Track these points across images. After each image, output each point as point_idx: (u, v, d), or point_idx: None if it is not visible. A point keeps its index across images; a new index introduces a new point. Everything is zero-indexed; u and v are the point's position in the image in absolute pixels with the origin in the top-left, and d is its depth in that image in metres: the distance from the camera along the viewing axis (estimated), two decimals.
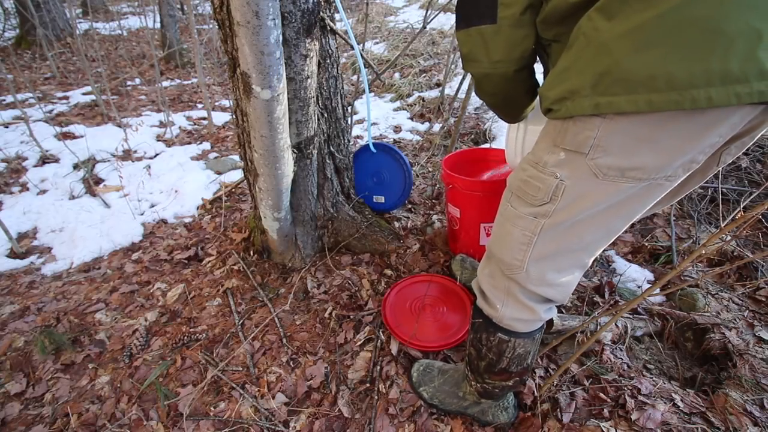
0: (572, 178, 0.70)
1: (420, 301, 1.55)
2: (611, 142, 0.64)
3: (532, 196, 0.77)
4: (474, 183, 1.51)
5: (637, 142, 0.63)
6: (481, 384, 1.08)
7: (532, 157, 0.77)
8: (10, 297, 1.83)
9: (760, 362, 1.26)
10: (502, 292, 0.90)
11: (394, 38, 4.90)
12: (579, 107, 0.63)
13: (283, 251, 1.75)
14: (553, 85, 0.68)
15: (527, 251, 0.81)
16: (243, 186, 2.54)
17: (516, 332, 0.94)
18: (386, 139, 3.05)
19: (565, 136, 0.68)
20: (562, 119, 0.68)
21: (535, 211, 0.78)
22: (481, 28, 0.78)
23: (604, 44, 0.58)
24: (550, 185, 0.73)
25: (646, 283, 1.61)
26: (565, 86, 0.65)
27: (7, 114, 3.60)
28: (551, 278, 0.83)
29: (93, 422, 1.31)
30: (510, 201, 0.83)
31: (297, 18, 1.19)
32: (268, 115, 1.17)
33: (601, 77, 0.59)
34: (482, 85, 0.90)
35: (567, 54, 0.66)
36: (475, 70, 0.86)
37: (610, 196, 0.70)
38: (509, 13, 0.75)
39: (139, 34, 6.78)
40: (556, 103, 0.67)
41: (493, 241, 0.90)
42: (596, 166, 0.67)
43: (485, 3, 0.76)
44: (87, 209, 2.43)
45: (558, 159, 0.71)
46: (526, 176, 0.77)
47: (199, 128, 3.57)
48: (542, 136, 0.76)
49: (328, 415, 1.27)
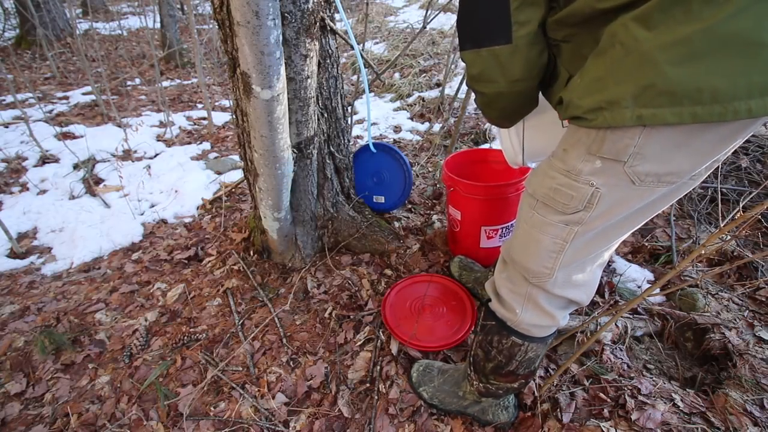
0: (608, 185, 0.70)
1: (420, 302, 1.54)
2: (650, 149, 0.63)
3: (564, 204, 0.75)
4: (476, 187, 1.51)
5: (674, 149, 0.63)
6: (484, 384, 1.08)
7: (562, 165, 0.74)
8: (10, 297, 1.83)
9: (760, 362, 1.26)
10: (522, 297, 0.90)
11: (394, 38, 4.90)
12: (620, 118, 0.61)
13: (283, 251, 1.75)
14: (585, 94, 0.65)
15: (558, 258, 0.81)
16: (243, 186, 2.54)
17: (531, 337, 0.94)
18: (386, 139, 3.05)
19: (602, 145, 0.67)
20: (597, 128, 0.66)
21: (566, 218, 0.76)
22: (495, 50, 0.74)
23: (646, 55, 0.57)
24: (585, 193, 0.72)
25: (646, 283, 1.61)
26: (602, 96, 0.63)
27: (7, 114, 3.60)
28: (577, 279, 0.84)
29: (93, 422, 1.31)
30: (535, 209, 0.80)
31: (297, 18, 1.19)
32: (268, 115, 1.17)
33: (644, 89, 0.58)
34: (495, 103, 0.86)
35: (599, 61, 0.63)
36: (489, 90, 0.82)
37: (644, 199, 0.71)
38: (525, 32, 0.72)
39: (139, 34, 6.78)
40: (590, 113, 0.65)
41: (515, 249, 0.87)
42: (634, 173, 0.66)
43: (497, 22, 0.72)
44: (87, 209, 2.43)
45: (594, 167, 0.69)
46: (555, 184, 0.75)
47: (199, 128, 3.57)
48: (571, 143, 0.73)
49: (328, 415, 1.27)
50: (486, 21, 0.74)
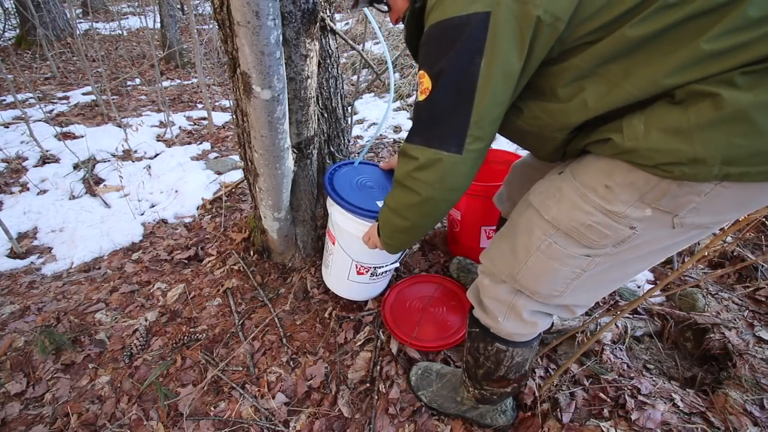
0: (647, 228, 0.67)
1: (420, 302, 1.55)
2: (711, 205, 0.62)
3: (595, 241, 0.71)
4: (476, 187, 1.51)
5: (733, 204, 0.62)
6: (478, 391, 1.08)
7: (605, 205, 0.68)
8: (11, 297, 1.83)
9: (760, 362, 1.26)
10: (505, 307, 0.89)
11: (394, 38, 4.90)
12: (702, 175, 0.58)
13: (283, 251, 1.75)
14: (660, 144, 0.59)
15: (572, 284, 0.79)
16: (243, 186, 2.54)
17: (514, 342, 0.94)
18: (386, 139, 3.05)
19: (662, 198, 0.63)
20: (662, 177, 0.61)
21: (591, 251, 0.73)
22: (442, 155, 0.71)
23: (743, 114, 0.54)
24: (621, 234, 0.69)
25: (646, 284, 1.61)
26: (683, 152, 0.57)
27: (8, 114, 3.60)
28: (581, 297, 0.84)
29: (93, 422, 1.31)
30: (554, 239, 0.75)
31: (297, 18, 1.19)
32: (268, 115, 1.17)
33: (739, 150, 0.55)
34: (422, 207, 0.80)
35: (679, 114, 0.58)
36: (422, 190, 0.76)
37: (675, 239, 0.70)
38: (479, 147, 0.71)
39: (139, 34, 6.78)
40: (665, 165, 0.60)
41: (525, 275, 0.82)
42: (680, 223, 0.65)
43: (451, 129, 0.69)
44: (87, 209, 2.43)
45: (643, 215, 0.66)
46: (591, 221, 0.70)
47: (199, 128, 3.58)
48: (620, 183, 0.66)
49: (328, 415, 1.27)
50: (442, 124, 0.70)
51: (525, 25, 0.60)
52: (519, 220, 0.84)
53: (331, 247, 1.41)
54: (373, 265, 1.39)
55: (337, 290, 1.55)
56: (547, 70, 0.68)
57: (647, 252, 0.73)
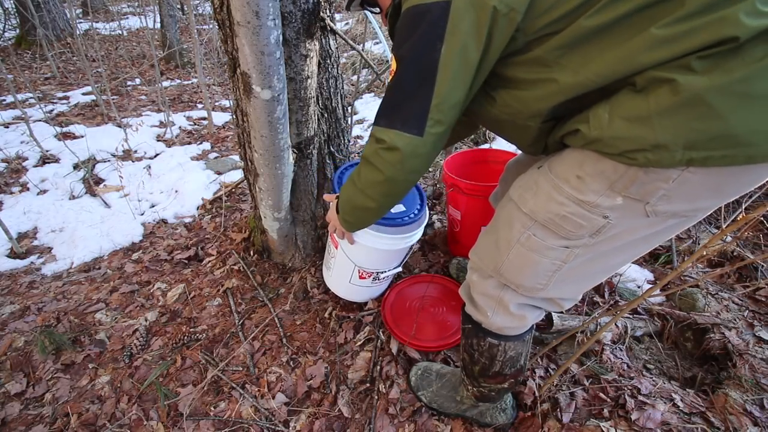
0: (621, 217, 0.69)
1: (420, 302, 1.55)
2: (680, 192, 0.62)
3: (571, 231, 0.73)
4: (476, 187, 1.51)
5: (705, 191, 0.62)
6: (477, 388, 1.08)
7: (577, 195, 0.70)
8: (10, 297, 1.83)
9: (760, 362, 1.26)
10: (493, 302, 0.90)
11: None
12: (666, 161, 0.59)
13: (283, 251, 1.75)
14: (622, 132, 0.61)
15: (554, 276, 0.80)
16: (243, 186, 2.54)
17: (505, 336, 0.94)
18: None
19: (630, 186, 0.64)
20: (629, 165, 0.63)
21: (569, 243, 0.75)
22: (403, 136, 0.74)
23: (700, 99, 0.55)
24: (595, 224, 0.70)
25: (646, 284, 1.61)
26: (646, 138, 0.59)
27: (8, 114, 3.60)
28: (565, 290, 0.84)
29: (93, 422, 1.31)
30: (533, 231, 0.77)
31: (297, 18, 1.19)
32: (268, 115, 1.17)
33: (699, 134, 0.56)
34: (384, 186, 0.84)
35: (640, 101, 0.60)
36: (385, 170, 0.80)
37: (653, 228, 0.70)
38: (439, 131, 0.73)
39: (139, 34, 6.78)
40: (629, 153, 0.62)
41: (507, 268, 0.84)
42: (653, 211, 0.66)
43: (413, 112, 0.72)
44: (87, 209, 2.43)
45: (613, 203, 0.67)
46: (565, 212, 0.72)
47: (199, 128, 3.58)
48: (590, 173, 0.68)
49: (328, 415, 1.27)
50: (401, 107, 0.73)
51: (482, 14, 0.64)
52: (501, 214, 0.86)
53: (334, 251, 1.41)
54: (376, 270, 1.39)
55: (338, 291, 1.55)
56: (514, 59, 0.71)
57: (626, 242, 0.74)
